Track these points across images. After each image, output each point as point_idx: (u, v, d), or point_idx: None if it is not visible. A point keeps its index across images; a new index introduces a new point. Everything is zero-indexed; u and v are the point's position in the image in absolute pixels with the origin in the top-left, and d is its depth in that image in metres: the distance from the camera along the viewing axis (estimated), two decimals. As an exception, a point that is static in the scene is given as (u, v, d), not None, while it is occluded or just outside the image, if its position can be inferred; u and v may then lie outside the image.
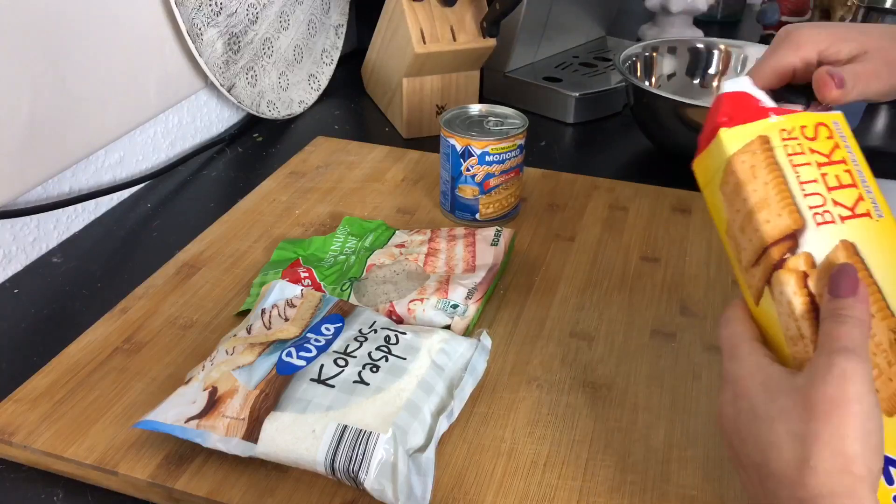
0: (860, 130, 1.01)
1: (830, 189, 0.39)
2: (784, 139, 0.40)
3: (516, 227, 0.73)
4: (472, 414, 0.52)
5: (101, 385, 0.54)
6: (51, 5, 0.67)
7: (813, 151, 0.40)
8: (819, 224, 0.38)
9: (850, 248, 0.37)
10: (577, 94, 0.98)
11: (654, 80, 0.98)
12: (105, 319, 0.61)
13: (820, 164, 0.39)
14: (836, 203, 0.38)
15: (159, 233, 0.76)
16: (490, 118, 0.73)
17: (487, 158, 0.70)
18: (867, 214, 0.38)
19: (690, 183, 0.69)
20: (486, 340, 0.55)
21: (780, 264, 0.38)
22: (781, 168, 0.39)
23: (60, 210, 0.73)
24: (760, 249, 0.39)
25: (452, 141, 0.70)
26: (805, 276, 0.37)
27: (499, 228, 0.68)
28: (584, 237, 0.72)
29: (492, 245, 0.66)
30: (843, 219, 0.38)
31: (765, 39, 1.32)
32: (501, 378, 0.56)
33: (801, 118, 0.41)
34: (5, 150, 0.65)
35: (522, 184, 0.75)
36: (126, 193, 0.82)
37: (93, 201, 0.77)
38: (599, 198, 0.79)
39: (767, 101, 0.43)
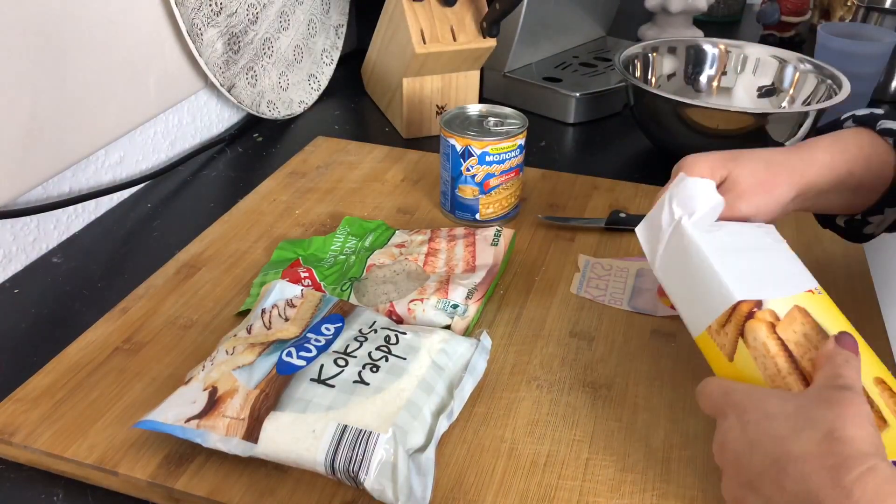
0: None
1: None
2: None
3: (516, 227, 0.73)
4: (472, 414, 0.52)
5: (101, 385, 0.54)
6: (51, 5, 0.67)
7: None
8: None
9: (803, 310, 0.45)
10: (577, 94, 0.98)
11: (654, 80, 0.98)
12: (105, 319, 0.61)
13: None
14: None
15: (159, 233, 0.76)
16: (490, 118, 0.73)
17: (487, 158, 0.70)
18: (812, 292, 0.47)
19: (690, 183, 0.69)
20: (486, 340, 0.55)
21: (750, 316, 0.45)
22: None
23: (60, 210, 0.73)
24: (731, 309, 0.45)
25: (452, 141, 0.70)
26: (773, 325, 0.44)
27: (499, 228, 0.68)
28: (584, 237, 0.72)
29: (492, 245, 0.66)
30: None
31: (765, 39, 1.32)
32: (501, 378, 0.56)
33: None
34: (5, 150, 0.65)
35: (522, 184, 0.75)
36: (126, 193, 0.82)
37: (93, 201, 0.77)
38: (599, 198, 0.79)
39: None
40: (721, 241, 0.49)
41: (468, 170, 0.71)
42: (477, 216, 0.73)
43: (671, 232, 0.51)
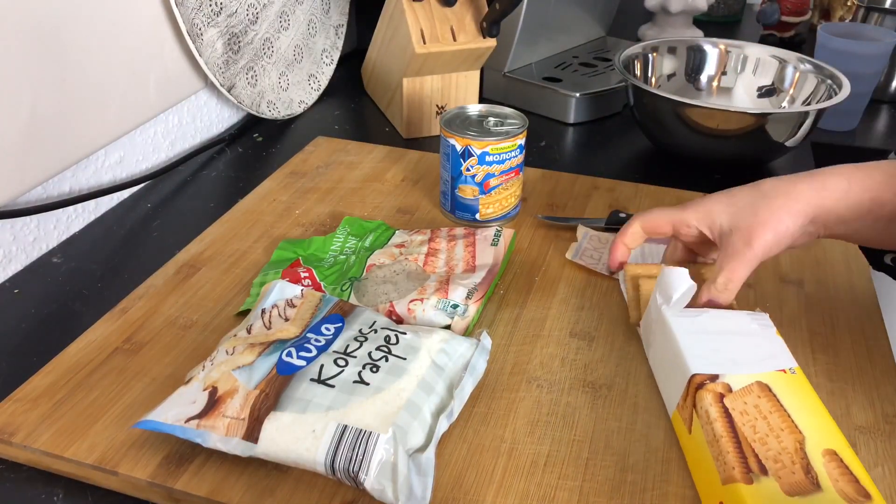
0: (860, 131, 1.01)
1: None
2: None
3: (516, 227, 0.73)
4: (472, 414, 0.52)
5: (101, 385, 0.54)
6: (51, 6, 0.67)
7: None
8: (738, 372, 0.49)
9: (764, 386, 0.48)
10: (577, 94, 0.98)
11: (654, 80, 0.98)
12: (105, 319, 0.61)
13: None
14: None
15: (159, 233, 0.76)
16: (490, 118, 0.73)
17: (487, 158, 0.70)
18: (783, 371, 0.50)
19: (690, 183, 0.69)
20: (486, 340, 0.55)
21: (701, 386, 0.48)
22: None
23: (60, 210, 0.73)
24: (688, 382, 0.49)
25: (452, 141, 0.70)
26: (721, 395, 0.47)
27: (499, 228, 0.68)
28: (584, 237, 0.72)
29: (492, 245, 0.66)
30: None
31: (765, 39, 1.32)
32: (501, 378, 0.56)
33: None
34: (5, 150, 0.65)
35: (522, 184, 0.75)
36: (126, 193, 0.82)
37: (93, 201, 0.77)
38: (599, 198, 0.79)
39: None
40: (698, 324, 0.53)
41: (468, 170, 0.71)
42: (477, 216, 0.73)
43: (655, 320, 0.55)
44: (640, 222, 0.60)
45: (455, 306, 0.59)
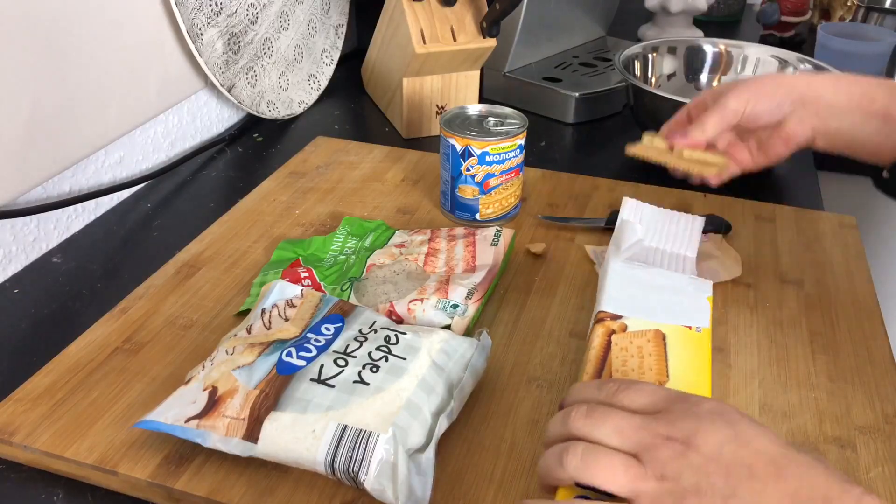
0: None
1: None
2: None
3: (516, 227, 0.73)
4: (472, 414, 0.52)
5: (101, 385, 0.54)
6: (51, 5, 0.67)
7: None
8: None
9: (660, 334, 0.51)
10: (577, 94, 0.98)
11: (654, 80, 0.98)
12: (105, 319, 0.61)
13: None
14: None
15: (159, 233, 0.76)
16: (490, 118, 0.73)
17: (487, 159, 0.70)
18: (688, 328, 0.52)
19: (690, 183, 0.70)
20: (486, 340, 0.55)
21: (600, 321, 0.52)
22: None
23: (60, 210, 0.73)
24: (594, 318, 0.53)
25: (452, 141, 0.70)
26: (612, 331, 0.51)
27: (499, 228, 0.68)
28: (584, 237, 0.72)
29: (492, 245, 0.66)
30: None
31: (765, 39, 1.32)
32: (501, 378, 0.56)
33: None
34: (5, 150, 0.65)
35: (522, 184, 0.75)
36: (126, 193, 0.82)
37: (93, 201, 0.77)
38: (599, 198, 0.79)
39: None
40: (634, 275, 0.57)
41: (468, 170, 0.71)
42: (477, 216, 0.73)
43: (604, 266, 0.60)
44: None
45: (455, 306, 0.59)
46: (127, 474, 0.47)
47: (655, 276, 0.57)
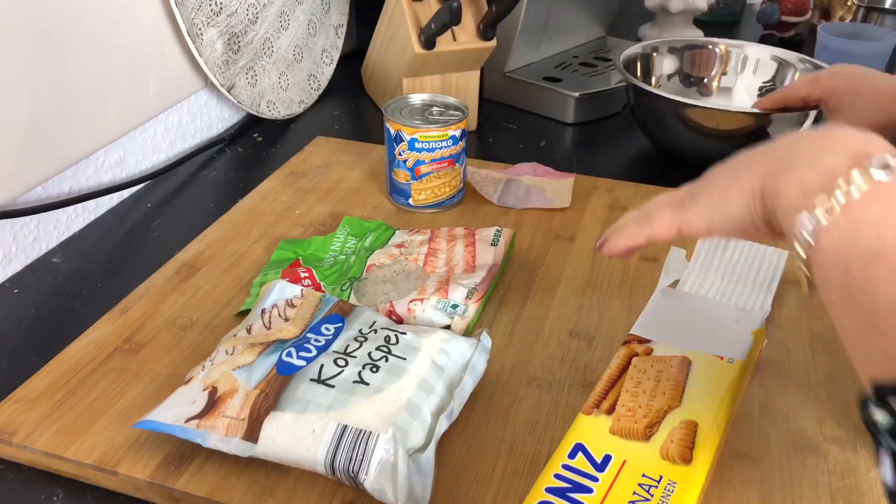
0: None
1: None
2: None
3: (516, 227, 0.73)
4: (472, 414, 0.52)
5: (101, 385, 0.54)
6: (51, 5, 0.67)
7: None
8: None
9: (686, 361, 0.50)
10: (577, 94, 0.98)
11: (654, 80, 0.98)
12: (105, 319, 0.61)
13: None
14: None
15: (159, 233, 0.76)
16: (433, 107, 0.76)
17: (416, 145, 0.72)
18: (720, 357, 0.50)
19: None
20: (486, 340, 0.55)
21: (626, 343, 0.53)
22: None
23: (60, 210, 0.73)
24: (624, 341, 0.54)
25: (387, 125, 0.74)
26: (636, 353, 0.52)
27: (499, 228, 0.68)
28: (584, 237, 0.72)
29: (492, 245, 0.66)
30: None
31: (765, 39, 1.32)
32: (501, 378, 0.56)
33: None
34: (5, 150, 0.65)
35: (462, 174, 0.76)
36: (126, 193, 0.82)
37: (93, 201, 0.77)
38: (599, 198, 0.79)
39: None
40: (676, 303, 0.57)
41: (399, 154, 0.73)
42: (410, 201, 0.75)
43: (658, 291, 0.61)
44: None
45: (455, 306, 0.59)
46: (127, 474, 0.47)
47: (699, 305, 0.57)
